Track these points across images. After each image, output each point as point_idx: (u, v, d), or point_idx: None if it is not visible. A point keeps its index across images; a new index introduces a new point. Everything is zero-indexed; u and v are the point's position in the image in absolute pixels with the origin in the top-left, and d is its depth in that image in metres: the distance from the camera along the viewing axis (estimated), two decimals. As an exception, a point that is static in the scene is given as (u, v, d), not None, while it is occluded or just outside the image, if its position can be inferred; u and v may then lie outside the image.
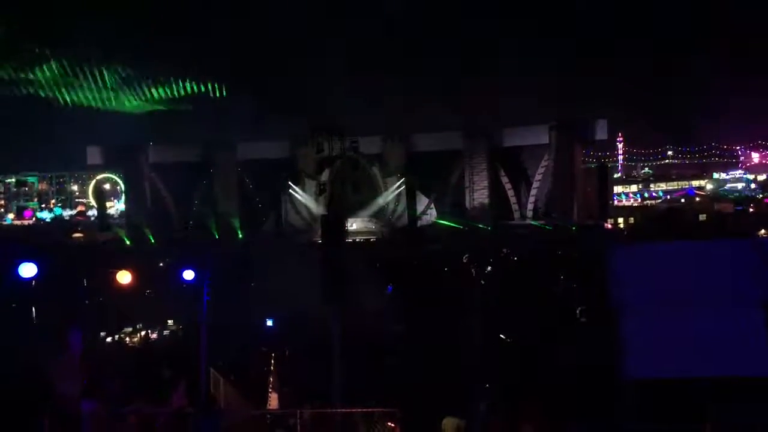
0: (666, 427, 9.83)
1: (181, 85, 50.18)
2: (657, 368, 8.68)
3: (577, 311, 20.96)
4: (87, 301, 24.69)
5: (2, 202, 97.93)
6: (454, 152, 57.57)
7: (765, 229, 46.55)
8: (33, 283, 13.10)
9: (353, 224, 53.30)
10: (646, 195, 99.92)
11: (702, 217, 59.65)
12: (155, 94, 50.40)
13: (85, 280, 26.86)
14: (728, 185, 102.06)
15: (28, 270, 12.04)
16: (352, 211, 54.63)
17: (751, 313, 8.57)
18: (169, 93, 50.31)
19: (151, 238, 52.67)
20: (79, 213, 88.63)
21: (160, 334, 24.52)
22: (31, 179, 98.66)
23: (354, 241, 47.44)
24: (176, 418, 12.11)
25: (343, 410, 12.19)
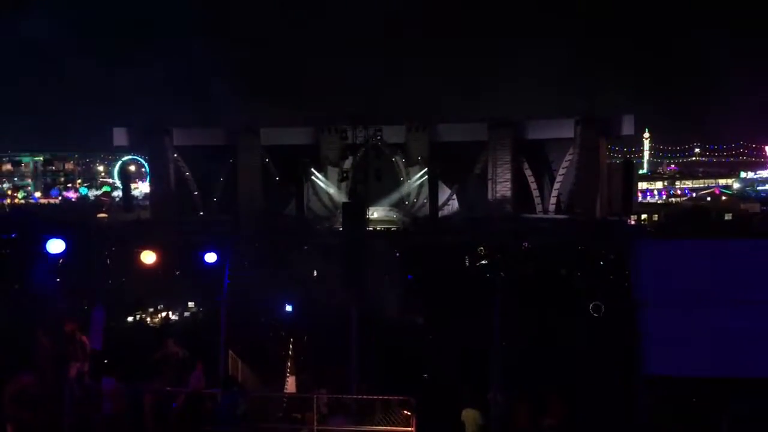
0: (684, 424, 9.79)
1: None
2: (677, 366, 8.62)
3: (590, 306, 20.83)
4: (110, 281, 25.03)
5: (30, 180, 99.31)
6: (478, 143, 57.22)
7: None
8: (59, 261, 13.29)
9: (374, 212, 53.33)
10: (671, 192, 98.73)
11: (728, 216, 58.86)
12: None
13: (108, 259, 27.23)
14: (757, 186, 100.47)
15: (56, 246, 12.21)
16: (374, 200, 54.65)
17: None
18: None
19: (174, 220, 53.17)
20: (104, 194, 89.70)
21: (180, 316, 24.82)
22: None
23: (375, 229, 47.50)
24: (194, 399, 12.27)
25: (360, 396, 12.27)
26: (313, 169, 56.96)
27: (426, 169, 55.99)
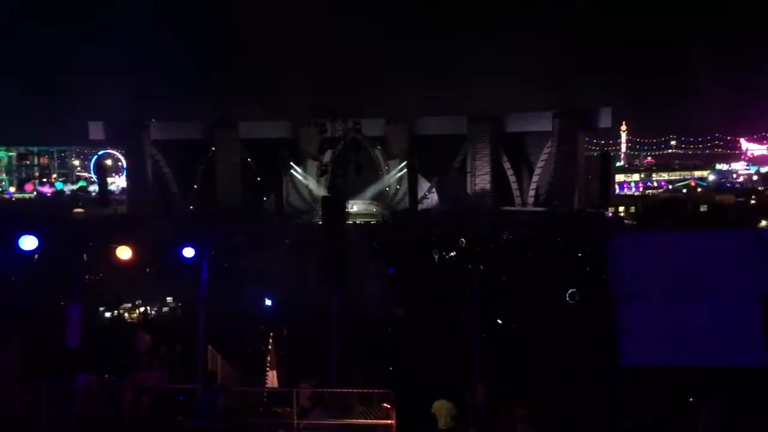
0: (660, 414, 9.90)
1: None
2: (653, 356, 8.73)
3: (567, 295, 20.99)
4: (87, 277, 24.72)
5: (4, 174, 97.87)
6: (457, 137, 57.41)
7: (766, 221, 46.49)
8: (34, 257, 13.12)
9: (354, 206, 53.31)
10: (648, 184, 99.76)
11: (703, 207, 59.63)
12: None
13: (84, 255, 26.89)
14: (733, 176, 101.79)
15: (28, 243, 12.05)
16: (354, 193, 54.59)
17: (748, 305, 8.60)
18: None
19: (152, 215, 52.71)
20: (80, 188, 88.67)
21: (159, 311, 24.61)
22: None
23: (354, 222, 47.48)
24: (162, 396, 12.17)
25: (340, 390, 12.28)
26: (292, 163, 56.76)
27: (405, 162, 56.03)
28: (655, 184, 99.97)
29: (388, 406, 11.54)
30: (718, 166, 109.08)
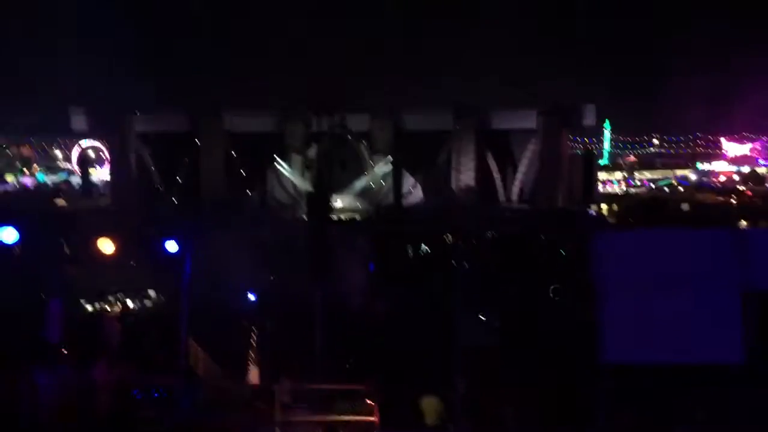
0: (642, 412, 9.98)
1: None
2: (633, 353, 8.80)
3: (550, 290, 21.15)
4: (68, 269, 24.52)
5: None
6: (442, 132, 57.45)
7: (746, 220, 46.96)
8: (14, 250, 12.97)
9: (338, 201, 53.22)
10: (629, 182, 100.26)
11: (684, 206, 60.06)
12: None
13: (66, 247, 26.66)
14: (714, 175, 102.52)
15: (8, 235, 11.92)
16: (338, 189, 54.50)
17: (728, 302, 8.69)
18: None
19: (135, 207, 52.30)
20: (63, 180, 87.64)
21: (141, 304, 24.46)
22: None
23: (339, 218, 47.40)
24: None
25: (322, 386, 12.27)
26: (277, 157, 56.54)
27: (390, 157, 55.97)
28: (638, 182, 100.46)
29: (371, 403, 11.54)
30: (700, 166, 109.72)
